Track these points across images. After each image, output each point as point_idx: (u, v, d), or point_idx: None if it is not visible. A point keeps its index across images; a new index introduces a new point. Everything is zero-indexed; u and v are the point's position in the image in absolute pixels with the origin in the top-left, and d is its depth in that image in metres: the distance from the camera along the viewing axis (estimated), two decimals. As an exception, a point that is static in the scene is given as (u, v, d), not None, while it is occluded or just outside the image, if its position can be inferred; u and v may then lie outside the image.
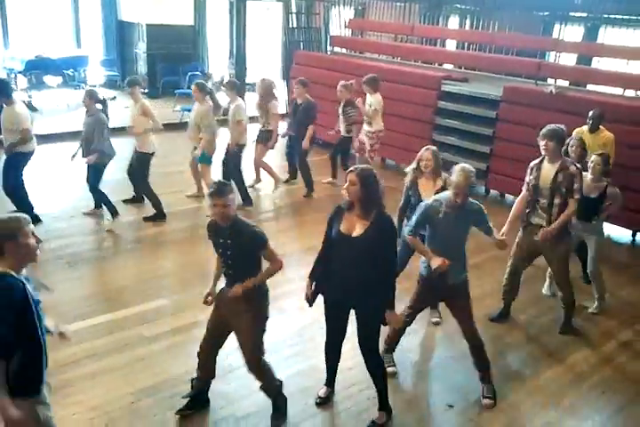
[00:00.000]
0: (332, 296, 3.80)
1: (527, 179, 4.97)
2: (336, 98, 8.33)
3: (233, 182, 6.35)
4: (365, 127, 8.18)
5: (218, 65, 15.00)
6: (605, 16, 10.37)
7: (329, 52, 12.54)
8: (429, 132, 9.08)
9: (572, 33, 11.12)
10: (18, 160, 6.37)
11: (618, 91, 8.54)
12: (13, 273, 2.65)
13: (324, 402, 4.13)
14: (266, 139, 7.87)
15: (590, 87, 9.00)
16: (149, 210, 7.07)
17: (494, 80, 9.55)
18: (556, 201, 4.78)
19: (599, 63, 10.53)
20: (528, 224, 4.97)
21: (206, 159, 7.28)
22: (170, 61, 13.78)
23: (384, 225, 3.60)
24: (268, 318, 3.77)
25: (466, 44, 11.54)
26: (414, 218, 4.16)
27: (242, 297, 3.57)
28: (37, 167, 8.60)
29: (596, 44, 10.21)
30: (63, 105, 12.20)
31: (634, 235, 7.52)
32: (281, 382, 3.95)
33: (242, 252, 3.59)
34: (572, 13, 10.72)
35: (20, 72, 12.32)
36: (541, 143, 4.75)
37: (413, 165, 4.89)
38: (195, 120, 7.21)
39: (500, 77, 9.66)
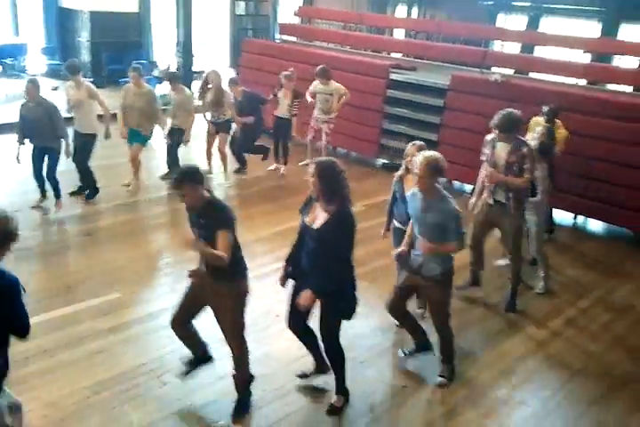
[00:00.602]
0: (297, 281, 3.89)
1: (484, 151, 5.23)
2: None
3: None
4: (322, 115, 8.40)
5: (164, 53, 14.74)
6: (547, 6, 10.62)
7: (277, 40, 12.47)
8: (379, 121, 9.18)
9: (516, 22, 11.37)
10: None
11: (560, 79, 8.82)
12: None
13: (303, 376, 4.23)
14: (228, 128, 8.12)
15: (533, 75, 9.27)
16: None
17: (442, 69, 9.71)
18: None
19: (541, 52, 10.81)
20: (492, 200, 5.16)
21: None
22: (114, 50, 13.42)
23: (342, 219, 3.62)
24: (247, 294, 3.78)
25: (413, 33, 11.68)
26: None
27: (220, 278, 3.61)
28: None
29: (538, 33, 10.48)
30: (1, 95, 11.78)
31: (575, 217, 7.82)
32: (252, 376, 3.98)
33: (211, 233, 3.54)
34: (515, 3, 10.95)
35: (-46, 61, 11.83)
36: (495, 132, 5.00)
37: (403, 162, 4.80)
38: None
39: (447, 66, 9.82)
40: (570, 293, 5.83)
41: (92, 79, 13.30)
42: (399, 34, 12.18)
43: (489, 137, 5.23)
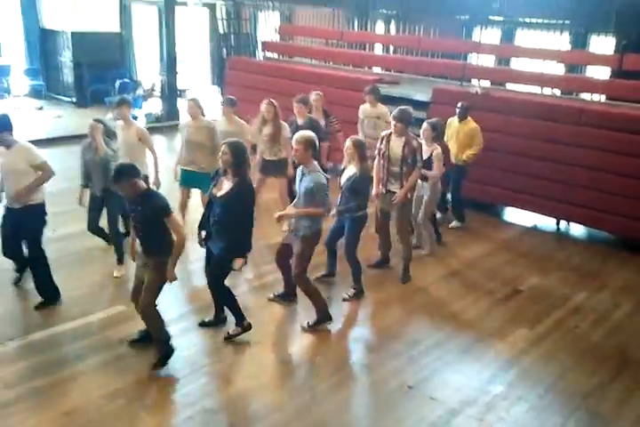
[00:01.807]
0: (208, 244, 4.77)
1: (378, 146, 5.94)
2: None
3: None
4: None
5: (145, 72, 14.89)
6: (521, 20, 11.00)
7: (261, 58, 12.70)
8: (364, 134, 9.38)
9: (491, 36, 11.74)
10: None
11: (535, 89, 9.14)
12: None
13: (204, 325, 5.02)
14: (282, 168, 6.89)
15: (510, 86, 9.58)
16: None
17: (422, 82, 9.99)
18: (405, 169, 5.80)
19: (517, 64, 11.16)
20: (385, 190, 5.92)
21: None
22: (97, 69, 13.54)
23: (243, 186, 4.49)
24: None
25: (391, 48, 11.98)
26: None
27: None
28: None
29: (513, 46, 10.85)
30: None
31: (557, 223, 8.09)
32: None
33: (146, 220, 4.21)
34: (490, 17, 11.33)
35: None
36: (392, 122, 5.80)
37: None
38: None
39: (427, 80, 10.11)
40: (557, 295, 6.05)
41: (74, 99, 13.54)
42: (379, 49, 12.48)
43: (384, 133, 5.99)
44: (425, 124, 6.37)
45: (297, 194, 5.10)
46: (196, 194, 6.77)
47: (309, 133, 4.96)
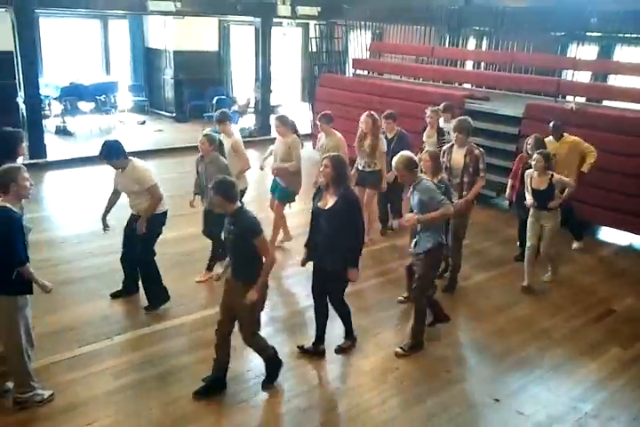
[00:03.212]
0: (316, 261, 4.72)
1: (442, 159, 5.88)
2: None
3: None
4: None
5: (241, 89, 15.53)
6: (619, 35, 10.71)
7: (351, 75, 12.97)
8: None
9: (587, 52, 11.47)
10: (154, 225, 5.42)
11: (633, 106, 8.86)
12: (12, 207, 3.85)
13: (305, 352, 4.89)
14: (378, 180, 7.06)
15: (607, 103, 9.33)
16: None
17: (513, 98, 9.90)
18: (465, 179, 5.88)
19: (615, 80, 10.84)
20: None
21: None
22: (196, 86, 14.31)
23: (349, 199, 4.47)
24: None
25: (483, 64, 11.93)
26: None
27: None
28: (75, 190, 9.11)
29: (611, 62, 10.55)
30: (96, 129, 12.73)
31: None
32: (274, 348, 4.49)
33: (236, 240, 4.13)
34: (587, 33, 11.08)
35: (54, 98, 12.85)
36: (453, 135, 6.00)
37: None
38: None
39: (518, 95, 10.01)
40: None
41: (174, 114, 14.31)
42: (469, 66, 12.45)
43: (446, 147, 6.12)
44: (537, 155, 5.95)
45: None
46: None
47: (404, 155, 4.82)
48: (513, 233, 7.36)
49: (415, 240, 4.97)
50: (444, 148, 6.10)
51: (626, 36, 10.61)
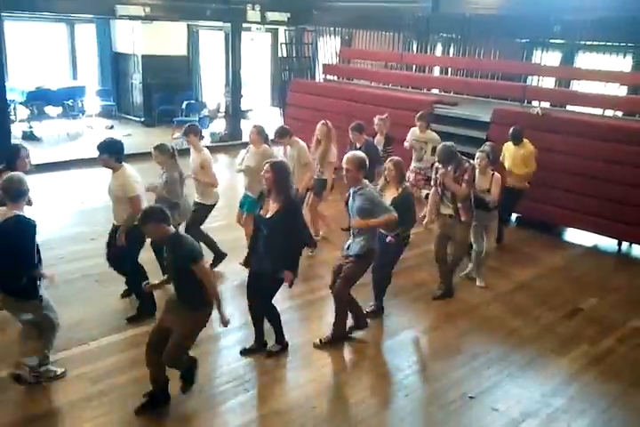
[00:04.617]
0: (253, 267, 4.80)
1: (433, 177, 6.05)
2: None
3: None
4: (417, 164, 8.03)
5: (211, 93, 15.50)
6: (582, 42, 11.03)
7: (321, 80, 13.08)
8: (424, 154, 9.55)
9: (551, 58, 11.77)
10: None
11: (597, 111, 9.15)
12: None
13: (247, 353, 4.94)
14: (321, 188, 7.15)
15: (571, 108, 9.60)
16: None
17: (481, 103, 10.12)
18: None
19: (578, 86, 11.16)
20: (439, 214, 6.02)
21: None
22: (165, 91, 14.24)
23: (290, 206, 4.49)
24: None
25: (450, 70, 12.14)
26: None
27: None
28: (43, 195, 8.98)
29: (574, 68, 10.86)
30: (63, 134, 12.57)
31: (619, 244, 8.02)
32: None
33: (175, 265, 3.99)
34: (551, 40, 11.38)
35: (20, 103, 12.65)
36: (439, 166, 5.89)
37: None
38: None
39: (485, 101, 10.23)
40: (618, 315, 6.03)
41: (143, 119, 14.21)
42: (437, 72, 12.66)
43: (437, 164, 6.01)
44: (478, 153, 6.31)
45: (350, 215, 5.05)
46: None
47: (360, 154, 4.94)
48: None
49: (348, 243, 5.03)
50: (436, 164, 6.00)
51: (587, 43, 10.93)
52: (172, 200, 5.68)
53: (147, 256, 5.58)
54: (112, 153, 5.14)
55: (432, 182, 6.14)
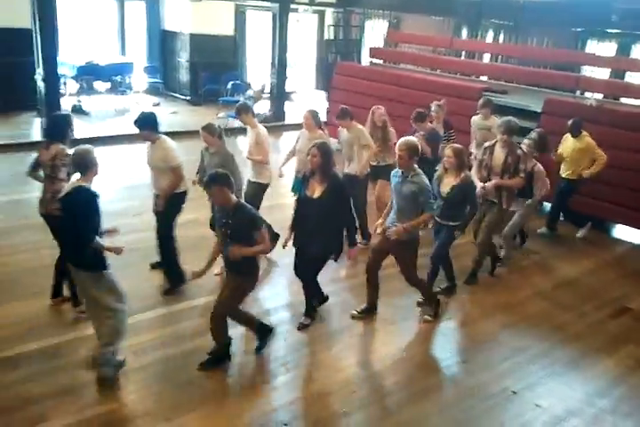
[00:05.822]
0: (297, 244, 4.91)
1: (479, 157, 5.94)
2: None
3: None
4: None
5: (256, 74, 15.49)
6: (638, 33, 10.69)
7: (367, 64, 12.93)
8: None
9: (606, 49, 11.44)
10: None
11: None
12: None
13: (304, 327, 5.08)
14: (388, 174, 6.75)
15: (625, 100, 9.33)
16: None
17: (531, 93, 9.89)
18: (505, 179, 5.74)
19: (632, 78, 10.84)
20: (484, 200, 5.86)
21: None
22: (211, 70, 14.25)
23: (337, 185, 4.62)
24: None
25: (500, 57, 11.91)
26: None
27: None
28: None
29: (631, 60, 10.54)
30: (111, 109, 12.73)
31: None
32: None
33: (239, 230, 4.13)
34: (607, 30, 11.06)
35: (71, 77, 12.83)
36: (498, 134, 5.78)
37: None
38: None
39: (535, 90, 9.99)
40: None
41: (189, 97, 14.29)
42: (487, 59, 12.42)
43: (487, 144, 5.95)
44: (526, 140, 6.20)
45: (392, 199, 5.06)
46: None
47: (412, 139, 4.93)
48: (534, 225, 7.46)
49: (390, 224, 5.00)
50: (486, 144, 5.96)
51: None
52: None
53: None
54: (152, 126, 5.31)
55: (477, 164, 6.01)
